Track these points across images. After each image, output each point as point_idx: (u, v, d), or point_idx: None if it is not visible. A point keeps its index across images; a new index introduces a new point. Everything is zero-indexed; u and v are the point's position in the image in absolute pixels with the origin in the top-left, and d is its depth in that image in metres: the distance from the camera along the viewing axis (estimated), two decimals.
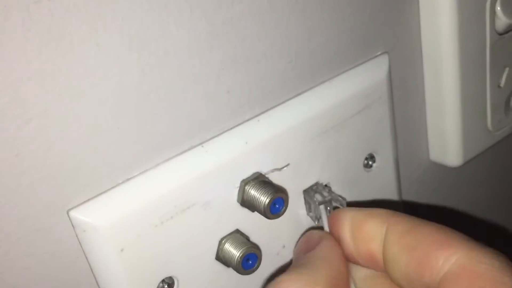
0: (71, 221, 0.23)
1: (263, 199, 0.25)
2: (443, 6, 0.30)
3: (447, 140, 0.35)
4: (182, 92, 0.24)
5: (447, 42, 0.31)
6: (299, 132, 0.28)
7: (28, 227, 0.21)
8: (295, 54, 0.27)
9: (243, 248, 0.26)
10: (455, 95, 0.33)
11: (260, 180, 0.26)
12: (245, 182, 0.26)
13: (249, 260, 0.26)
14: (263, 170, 0.27)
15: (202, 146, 0.25)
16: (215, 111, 0.25)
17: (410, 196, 0.36)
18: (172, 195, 0.24)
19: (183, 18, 0.23)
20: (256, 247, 0.26)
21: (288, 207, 0.27)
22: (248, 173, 0.26)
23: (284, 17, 0.26)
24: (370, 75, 0.30)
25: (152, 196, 0.24)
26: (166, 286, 0.26)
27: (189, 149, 0.25)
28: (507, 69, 0.35)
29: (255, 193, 0.26)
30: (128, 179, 0.24)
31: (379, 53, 0.31)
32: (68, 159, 0.22)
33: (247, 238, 0.27)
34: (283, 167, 0.27)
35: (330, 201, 0.28)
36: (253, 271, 0.26)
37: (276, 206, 0.26)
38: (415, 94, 0.33)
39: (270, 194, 0.25)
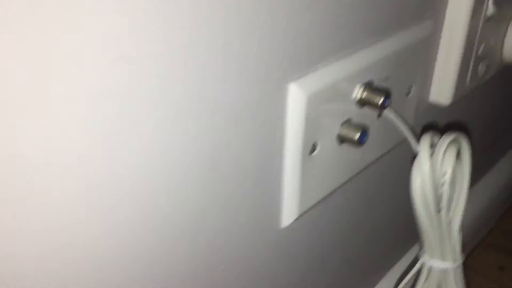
0: (287, 91, 0.35)
1: (379, 97, 0.40)
2: None
3: (444, 87, 0.52)
4: (337, 18, 0.37)
5: (461, 19, 0.48)
6: (392, 59, 0.42)
7: (258, 91, 0.33)
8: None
9: (362, 127, 0.40)
10: (457, 61, 0.50)
11: (372, 86, 0.41)
12: (363, 86, 0.40)
13: (363, 136, 0.40)
14: (374, 79, 0.41)
15: (346, 58, 0.39)
16: (354, 37, 0.39)
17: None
18: (335, 84, 0.37)
19: None
20: (367, 127, 0.41)
21: None
22: (365, 80, 0.40)
23: None
24: (422, 33, 0.46)
25: (329, 81, 0.37)
26: (311, 148, 0.39)
27: (341, 58, 0.38)
28: (483, 44, 0.53)
29: (371, 93, 0.40)
30: (319, 67, 0.36)
31: (427, 20, 0.47)
32: (290, 39, 0.34)
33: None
34: (386, 78, 0.42)
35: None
36: (364, 143, 0.40)
37: (387, 100, 0.40)
38: (432, 54, 0.50)
39: (383, 93, 0.40)
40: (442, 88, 0.52)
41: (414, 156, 0.41)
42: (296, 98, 0.35)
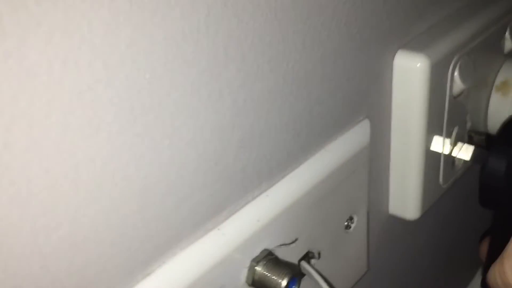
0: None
1: (280, 280, 0.25)
2: (415, 77, 0.32)
3: (408, 197, 0.36)
4: (204, 177, 0.22)
5: (417, 108, 0.33)
6: (302, 203, 0.27)
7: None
8: (300, 126, 0.27)
9: None
10: (419, 156, 0.35)
11: (271, 259, 0.25)
12: (256, 262, 0.25)
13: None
14: (271, 246, 0.26)
15: (219, 229, 0.24)
16: (231, 191, 0.24)
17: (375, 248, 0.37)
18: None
19: (210, 101, 0.22)
20: None
21: None
22: (257, 251, 0.25)
23: (293, 91, 0.26)
24: (357, 140, 0.31)
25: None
26: None
27: (205, 233, 0.23)
28: (456, 128, 0.37)
29: (268, 273, 0.25)
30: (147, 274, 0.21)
31: (361, 118, 0.31)
32: None
33: None
34: (292, 242, 0.27)
35: None
36: None
37: (292, 287, 0.25)
38: (382, 157, 0.35)
39: (287, 275, 0.25)
40: (404, 202, 0.37)
41: None
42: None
